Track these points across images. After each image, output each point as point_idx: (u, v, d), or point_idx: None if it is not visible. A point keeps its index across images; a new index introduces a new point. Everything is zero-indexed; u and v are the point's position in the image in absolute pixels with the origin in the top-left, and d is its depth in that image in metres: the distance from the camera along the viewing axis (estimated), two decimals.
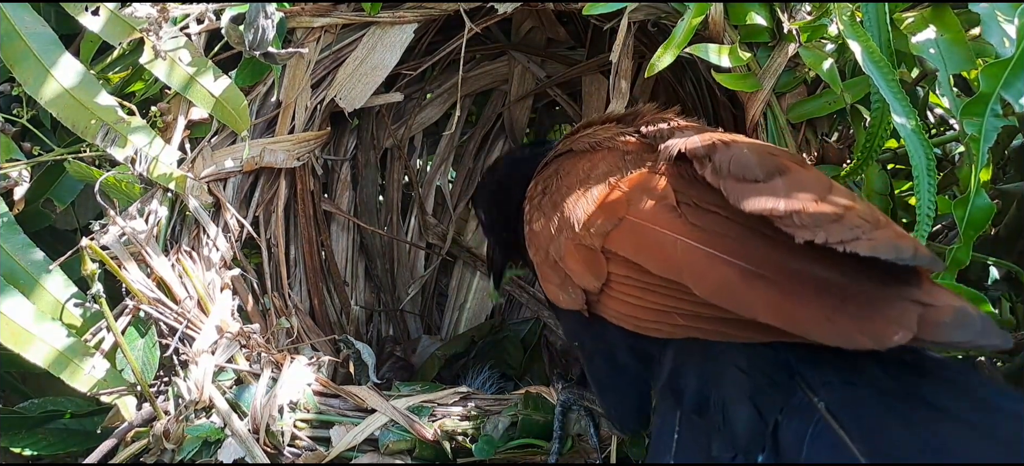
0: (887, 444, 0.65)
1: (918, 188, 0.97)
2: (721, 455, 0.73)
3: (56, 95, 1.13)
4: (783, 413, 0.71)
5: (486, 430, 1.06)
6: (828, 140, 1.18)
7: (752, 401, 0.74)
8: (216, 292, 1.21)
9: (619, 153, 1.01)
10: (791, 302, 0.72)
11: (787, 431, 0.70)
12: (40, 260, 1.13)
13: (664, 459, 0.76)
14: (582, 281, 0.92)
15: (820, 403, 0.70)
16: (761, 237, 0.78)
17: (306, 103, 1.35)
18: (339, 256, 1.67)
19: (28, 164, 1.19)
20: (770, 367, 0.75)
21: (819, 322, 0.70)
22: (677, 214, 0.84)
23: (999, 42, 0.99)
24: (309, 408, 1.07)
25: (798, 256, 0.75)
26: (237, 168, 1.28)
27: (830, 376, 0.72)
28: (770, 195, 0.78)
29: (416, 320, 1.81)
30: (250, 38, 1.18)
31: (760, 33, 1.16)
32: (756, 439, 0.71)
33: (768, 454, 0.70)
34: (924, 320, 0.67)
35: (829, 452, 0.66)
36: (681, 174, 0.90)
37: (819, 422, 0.69)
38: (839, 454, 0.66)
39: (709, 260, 0.78)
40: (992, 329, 0.67)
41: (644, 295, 0.85)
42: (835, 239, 0.71)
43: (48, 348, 1.07)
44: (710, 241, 0.79)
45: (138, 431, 1.07)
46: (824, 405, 0.70)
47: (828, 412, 0.69)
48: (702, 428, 0.76)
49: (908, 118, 0.97)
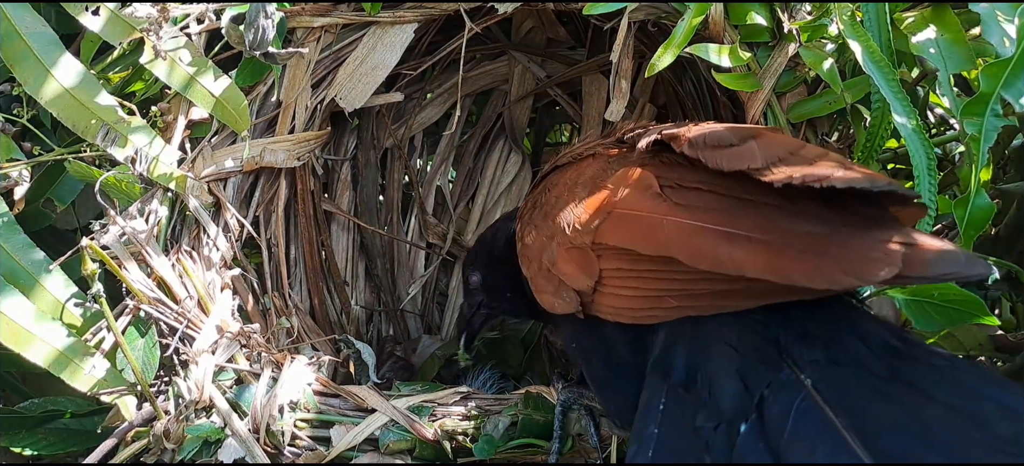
0: (871, 422, 0.67)
1: (919, 188, 0.97)
2: (705, 425, 0.75)
3: (56, 95, 1.13)
4: (769, 388, 0.73)
5: (486, 430, 1.06)
6: (828, 140, 1.18)
7: (739, 375, 0.76)
8: (216, 292, 1.21)
9: (603, 159, 1.04)
10: (778, 255, 0.75)
11: (773, 405, 0.72)
12: (40, 260, 1.13)
13: (649, 429, 0.78)
14: (575, 282, 0.94)
15: (806, 379, 0.72)
16: (744, 204, 0.81)
17: (306, 103, 1.35)
18: (339, 256, 1.67)
19: (28, 164, 1.19)
20: (759, 342, 0.77)
21: (806, 269, 0.72)
22: (661, 197, 0.86)
23: (999, 42, 0.99)
24: (309, 408, 1.07)
25: (783, 216, 0.78)
26: (237, 168, 1.28)
27: (817, 354, 0.74)
28: (746, 154, 0.81)
29: (416, 320, 1.81)
30: (250, 38, 1.18)
31: (760, 33, 1.16)
32: (741, 411, 0.73)
33: (752, 425, 0.72)
34: (909, 258, 0.69)
35: (814, 426, 0.68)
36: (661, 161, 0.93)
37: (805, 398, 0.70)
38: (824, 429, 0.68)
39: (696, 231, 0.80)
40: (976, 261, 0.69)
41: (636, 284, 0.88)
42: (812, 178, 0.74)
43: (48, 348, 1.07)
44: (695, 215, 0.82)
45: (138, 431, 1.07)
46: (810, 381, 0.72)
47: (814, 389, 0.71)
48: (688, 401, 0.78)
49: (908, 118, 0.98)
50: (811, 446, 0.67)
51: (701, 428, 0.75)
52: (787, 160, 0.80)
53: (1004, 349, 1.07)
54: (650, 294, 0.86)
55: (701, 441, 0.74)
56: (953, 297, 0.92)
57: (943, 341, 1.03)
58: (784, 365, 0.75)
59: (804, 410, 0.70)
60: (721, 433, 0.73)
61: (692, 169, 0.88)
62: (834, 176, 0.74)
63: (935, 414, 0.66)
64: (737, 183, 0.82)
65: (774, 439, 0.69)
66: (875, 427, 0.66)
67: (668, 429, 0.77)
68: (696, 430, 0.75)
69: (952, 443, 0.64)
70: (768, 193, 0.79)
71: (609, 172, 0.98)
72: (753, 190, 0.80)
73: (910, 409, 0.67)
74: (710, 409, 0.76)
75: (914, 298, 0.94)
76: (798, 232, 0.76)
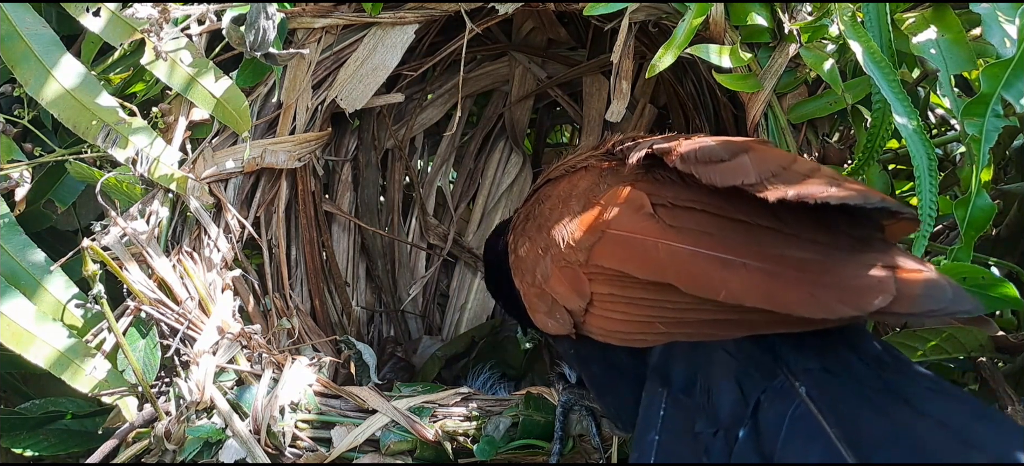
0: (863, 432, 0.68)
1: (919, 188, 0.97)
2: (704, 431, 0.76)
3: (57, 96, 1.13)
4: (765, 394, 0.74)
5: (487, 431, 1.06)
6: (829, 141, 1.18)
7: (737, 381, 0.77)
8: (217, 293, 1.21)
9: (597, 171, 1.04)
10: (774, 283, 0.75)
11: (768, 411, 0.73)
12: (41, 261, 1.13)
13: (650, 435, 0.79)
14: (567, 302, 0.94)
15: (801, 387, 0.73)
16: (738, 226, 0.81)
17: (307, 104, 1.35)
18: (340, 257, 1.67)
19: (29, 165, 1.19)
20: (756, 350, 0.79)
21: (803, 298, 0.73)
22: (655, 219, 0.86)
23: (1000, 42, 0.99)
24: (310, 409, 1.07)
25: (776, 241, 0.79)
26: (238, 169, 1.28)
27: (812, 363, 0.75)
28: (739, 169, 0.82)
29: (417, 321, 1.81)
30: (251, 39, 1.18)
31: (761, 34, 1.16)
32: (738, 417, 0.74)
33: (748, 431, 0.73)
34: (898, 290, 0.70)
35: (807, 433, 0.70)
36: (654, 178, 0.93)
37: (800, 406, 0.72)
38: (817, 436, 0.69)
39: (692, 257, 0.81)
40: (962, 296, 0.71)
41: (627, 309, 0.88)
42: (806, 195, 0.75)
43: (49, 349, 1.07)
44: (690, 239, 0.82)
45: (139, 432, 1.07)
46: (804, 390, 0.73)
47: (808, 397, 0.72)
48: (688, 406, 0.79)
49: (909, 118, 0.97)
50: (803, 453, 0.68)
51: (700, 434, 0.76)
52: (780, 175, 0.80)
53: (1005, 350, 1.07)
54: (640, 319, 0.87)
55: (700, 446, 0.75)
56: (982, 282, 0.91)
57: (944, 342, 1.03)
58: (779, 372, 0.76)
59: (798, 418, 0.71)
60: (719, 439, 0.74)
61: (684, 186, 0.88)
62: (828, 193, 0.75)
63: (926, 428, 0.67)
64: (730, 201, 0.82)
65: (769, 446, 0.71)
66: (867, 437, 0.67)
67: (668, 435, 0.78)
68: (695, 436, 0.76)
69: (941, 455, 0.65)
70: (760, 212, 0.80)
71: (601, 187, 0.98)
72: (745, 210, 0.81)
73: (901, 422, 0.68)
74: (709, 415, 0.77)
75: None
76: (793, 259, 0.76)
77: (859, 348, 0.76)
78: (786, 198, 0.76)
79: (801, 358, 0.76)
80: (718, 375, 0.79)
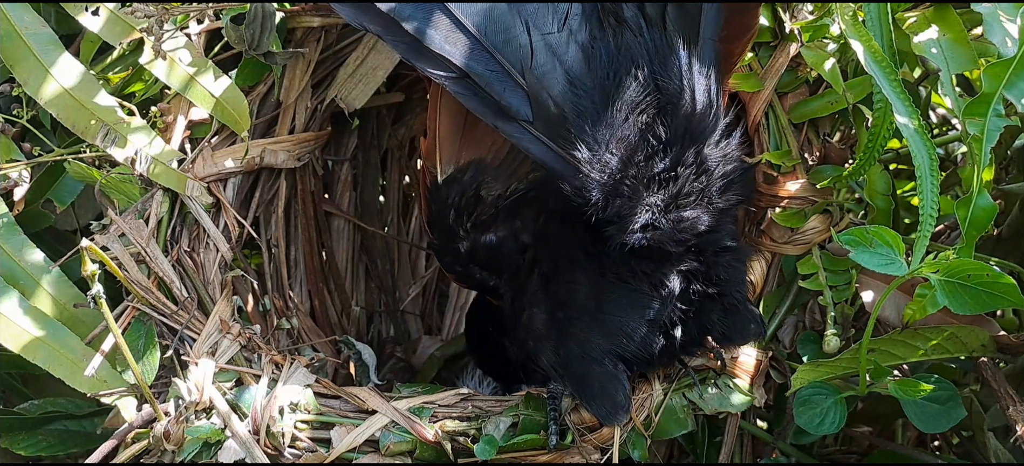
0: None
1: (921, 188, 0.96)
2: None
3: (56, 95, 1.13)
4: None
5: (487, 431, 1.05)
6: (830, 140, 1.18)
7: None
8: (216, 293, 1.21)
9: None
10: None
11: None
12: (40, 261, 1.13)
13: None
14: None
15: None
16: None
17: (306, 103, 1.35)
18: (340, 257, 1.67)
19: (28, 164, 1.19)
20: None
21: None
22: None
23: (1002, 42, 0.99)
24: (310, 409, 1.06)
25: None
26: (237, 168, 1.28)
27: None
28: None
29: (417, 321, 1.80)
30: (250, 38, 1.18)
31: (762, 33, 1.15)
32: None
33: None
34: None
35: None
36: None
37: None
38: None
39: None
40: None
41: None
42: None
43: (48, 349, 1.07)
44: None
45: (138, 432, 1.06)
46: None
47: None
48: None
49: (910, 118, 0.97)
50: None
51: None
52: None
53: (1006, 350, 1.07)
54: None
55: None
56: (986, 280, 0.91)
57: (946, 341, 1.03)
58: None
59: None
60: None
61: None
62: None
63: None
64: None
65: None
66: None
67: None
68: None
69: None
70: None
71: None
72: None
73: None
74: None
75: (948, 279, 0.92)
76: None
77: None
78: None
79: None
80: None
